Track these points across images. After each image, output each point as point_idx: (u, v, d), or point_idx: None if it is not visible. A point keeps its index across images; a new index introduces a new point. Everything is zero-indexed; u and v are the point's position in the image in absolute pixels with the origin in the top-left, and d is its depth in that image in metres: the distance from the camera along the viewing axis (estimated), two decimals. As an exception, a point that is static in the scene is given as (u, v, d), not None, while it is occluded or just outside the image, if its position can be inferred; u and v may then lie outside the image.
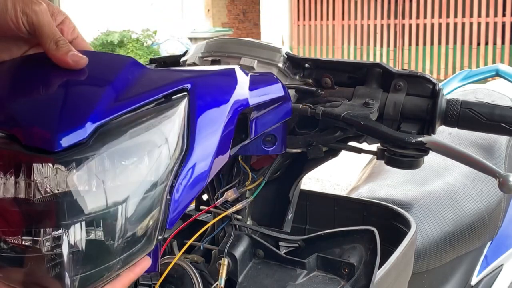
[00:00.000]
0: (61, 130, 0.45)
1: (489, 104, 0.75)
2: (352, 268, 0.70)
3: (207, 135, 0.54)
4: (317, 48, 9.93)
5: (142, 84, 0.52)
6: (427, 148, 0.74)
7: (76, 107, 0.47)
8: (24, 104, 0.48)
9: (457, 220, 1.14)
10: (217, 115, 0.56)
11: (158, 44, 11.19)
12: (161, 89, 0.52)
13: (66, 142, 0.44)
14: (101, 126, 0.47)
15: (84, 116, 0.46)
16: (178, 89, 0.53)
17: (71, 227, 0.44)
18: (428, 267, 1.08)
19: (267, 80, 0.69)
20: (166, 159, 0.50)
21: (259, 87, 0.65)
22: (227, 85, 0.60)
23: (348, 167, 3.07)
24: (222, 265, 0.72)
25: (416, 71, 0.78)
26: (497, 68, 1.94)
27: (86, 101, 0.48)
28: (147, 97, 0.50)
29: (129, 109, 0.49)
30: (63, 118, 0.46)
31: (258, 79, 0.66)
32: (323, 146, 0.81)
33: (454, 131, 1.34)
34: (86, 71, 0.53)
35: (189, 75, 0.56)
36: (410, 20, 9.08)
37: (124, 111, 0.48)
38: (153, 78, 0.54)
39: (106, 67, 0.55)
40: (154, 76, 0.55)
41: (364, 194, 1.15)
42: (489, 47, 8.47)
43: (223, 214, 0.78)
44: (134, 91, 0.51)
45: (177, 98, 0.53)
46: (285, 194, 0.89)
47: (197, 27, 11.76)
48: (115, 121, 0.48)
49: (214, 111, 0.55)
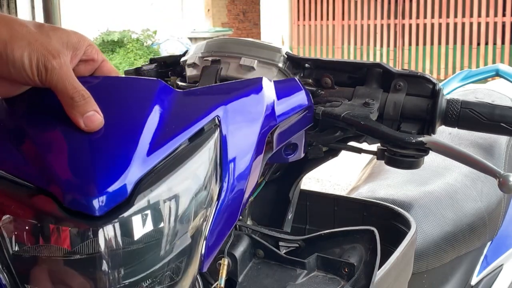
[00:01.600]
0: (101, 192, 0.43)
1: (489, 104, 0.75)
2: (352, 268, 0.70)
3: (239, 167, 0.52)
4: (317, 48, 9.93)
5: (174, 118, 0.50)
6: (427, 148, 0.74)
7: (113, 159, 0.45)
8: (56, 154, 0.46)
9: (457, 220, 1.14)
10: (247, 144, 0.54)
11: (158, 44, 11.20)
12: (193, 122, 0.50)
13: (108, 205, 0.43)
14: (141, 178, 0.45)
15: (124, 172, 0.44)
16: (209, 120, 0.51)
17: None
18: (428, 267, 1.08)
19: (291, 89, 0.66)
20: (202, 205, 0.48)
21: (285, 99, 0.63)
22: (255, 107, 0.57)
23: (348, 167, 3.07)
24: (222, 265, 0.72)
25: (416, 71, 0.78)
26: (497, 68, 1.94)
27: (123, 150, 0.46)
28: (181, 135, 0.48)
29: (166, 155, 0.47)
30: (102, 177, 0.43)
31: (283, 90, 0.64)
32: (323, 146, 0.81)
33: (454, 131, 1.34)
34: (116, 105, 0.51)
35: (219, 100, 0.53)
36: (410, 20, 9.08)
37: (162, 158, 0.46)
38: (184, 108, 0.52)
39: (136, 98, 0.52)
40: (184, 104, 0.52)
41: (364, 194, 1.15)
42: (489, 47, 8.46)
43: (223, 214, 0.78)
44: (168, 129, 0.48)
45: (209, 130, 0.51)
46: (285, 194, 0.89)
47: (197, 27, 11.76)
48: (153, 170, 0.46)
49: (244, 139, 0.54)
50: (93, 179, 0.43)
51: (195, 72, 0.84)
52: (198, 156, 0.49)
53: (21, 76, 0.49)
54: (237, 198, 0.52)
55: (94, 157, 0.45)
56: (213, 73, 0.80)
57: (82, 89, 0.49)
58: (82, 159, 0.45)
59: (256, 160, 0.55)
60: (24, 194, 0.45)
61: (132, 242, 0.44)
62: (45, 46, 0.48)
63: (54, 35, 0.51)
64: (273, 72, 0.80)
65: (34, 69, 0.48)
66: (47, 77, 0.48)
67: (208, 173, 0.49)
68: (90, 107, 0.48)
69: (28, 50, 0.48)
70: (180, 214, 0.47)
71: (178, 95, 0.53)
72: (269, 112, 0.58)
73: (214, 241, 0.50)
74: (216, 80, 0.80)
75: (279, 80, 0.67)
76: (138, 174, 0.44)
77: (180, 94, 0.54)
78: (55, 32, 0.52)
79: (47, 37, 0.50)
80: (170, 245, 0.46)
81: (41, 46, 0.48)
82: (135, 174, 0.44)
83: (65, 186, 0.43)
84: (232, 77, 0.81)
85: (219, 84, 0.62)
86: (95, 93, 0.50)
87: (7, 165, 0.46)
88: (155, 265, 0.46)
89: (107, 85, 0.55)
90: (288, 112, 0.63)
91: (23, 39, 0.48)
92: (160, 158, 0.46)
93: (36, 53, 0.48)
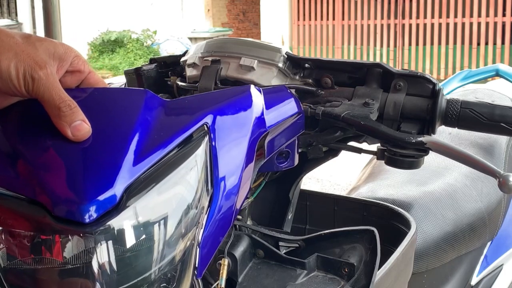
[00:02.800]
0: (90, 199, 0.43)
1: (489, 104, 0.75)
2: (352, 268, 0.70)
3: (230, 173, 0.52)
4: (317, 48, 9.93)
5: (162, 126, 0.50)
6: (427, 148, 0.74)
7: (102, 167, 0.45)
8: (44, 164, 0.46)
9: (457, 220, 1.14)
10: (238, 150, 0.54)
11: (158, 44, 11.20)
12: (182, 129, 0.50)
13: (97, 212, 0.43)
14: (129, 185, 0.45)
15: (112, 179, 0.44)
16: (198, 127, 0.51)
17: None
18: (428, 267, 1.08)
19: (280, 97, 0.67)
20: (194, 211, 0.48)
21: (275, 107, 0.63)
22: (244, 114, 0.57)
23: (348, 167, 3.07)
24: (222, 265, 0.72)
25: (416, 71, 0.78)
26: (497, 68, 1.94)
27: (111, 158, 0.46)
28: (170, 142, 0.48)
29: (155, 161, 0.47)
30: (91, 185, 0.44)
31: (272, 97, 0.64)
32: (323, 146, 0.81)
33: (454, 131, 1.34)
34: (103, 116, 0.51)
35: (207, 108, 0.54)
36: (410, 20, 9.08)
37: (150, 164, 0.46)
38: (172, 116, 0.52)
39: (124, 108, 0.52)
40: (173, 112, 0.53)
41: (364, 194, 1.15)
42: (489, 47, 8.47)
43: (223, 214, 0.78)
44: (156, 137, 0.49)
45: (198, 137, 0.51)
46: (285, 194, 0.89)
47: (197, 27, 11.76)
48: (142, 177, 0.46)
49: (234, 146, 0.54)
50: (81, 187, 0.44)
51: (195, 72, 0.84)
52: (188, 162, 0.49)
53: (8, 87, 0.49)
54: (229, 204, 0.52)
55: (82, 165, 0.45)
56: (213, 73, 0.80)
57: (69, 99, 0.49)
58: (70, 168, 0.45)
59: (248, 167, 0.55)
60: (14, 205, 0.45)
61: (123, 249, 0.44)
62: (31, 57, 0.49)
63: (40, 46, 0.52)
64: (273, 72, 0.80)
65: (21, 79, 0.48)
66: (33, 88, 0.48)
67: (198, 179, 0.49)
68: (76, 116, 0.48)
69: (15, 61, 0.48)
70: (171, 220, 0.47)
71: (165, 104, 0.53)
72: (258, 119, 0.58)
73: (208, 247, 0.50)
74: (216, 80, 0.80)
75: (267, 88, 0.67)
76: (126, 181, 0.45)
77: (167, 104, 0.54)
78: (41, 43, 0.52)
79: (34, 48, 0.51)
80: (162, 252, 0.46)
81: (27, 57, 0.49)
82: (124, 181, 0.44)
83: (54, 195, 0.43)
84: (232, 77, 0.81)
85: (207, 92, 0.62)
86: (82, 104, 0.50)
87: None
88: (147, 272, 0.45)
89: (94, 96, 0.55)
90: (278, 119, 0.63)
91: (10, 50, 0.49)
92: (148, 165, 0.46)
93: (23, 63, 0.48)
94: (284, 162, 0.71)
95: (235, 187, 0.53)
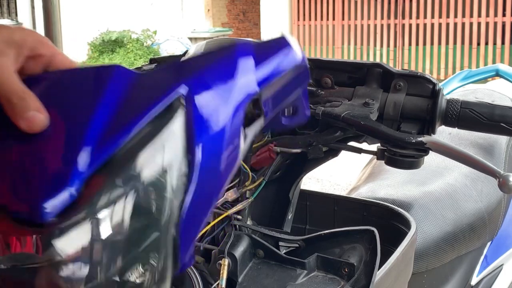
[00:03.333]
0: (46, 196, 0.40)
1: (489, 104, 0.75)
2: (352, 268, 0.70)
3: (211, 146, 0.46)
4: (317, 48, 9.93)
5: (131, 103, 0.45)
6: (427, 148, 0.74)
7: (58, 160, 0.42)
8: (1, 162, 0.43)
9: (457, 220, 1.14)
10: (220, 119, 0.47)
11: (158, 44, 11.19)
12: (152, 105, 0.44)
13: (54, 209, 0.40)
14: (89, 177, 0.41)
15: (69, 173, 0.40)
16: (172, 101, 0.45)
17: None
18: (428, 267, 1.08)
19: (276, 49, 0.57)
20: (169, 196, 0.44)
21: (268, 63, 0.54)
22: (226, 77, 0.50)
23: (348, 167, 3.07)
24: (222, 265, 0.72)
25: (416, 71, 0.78)
26: (497, 68, 1.94)
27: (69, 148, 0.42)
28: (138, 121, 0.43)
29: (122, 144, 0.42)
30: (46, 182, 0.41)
31: (266, 52, 0.56)
32: (323, 146, 0.81)
33: (454, 131, 1.34)
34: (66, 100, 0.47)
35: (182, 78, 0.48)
36: (410, 20, 9.08)
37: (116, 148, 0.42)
38: (143, 90, 0.47)
39: (89, 89, 0.47)
40: (144, 87, 0.47)
41: (364, 194, 1.15)
42: (489, 47, 8.46)
43: (223, 215, 0.78)
44: (122, 117, 0.44)
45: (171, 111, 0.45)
46: (285, 194, 0.89)
47: (197, 27, 11.76)
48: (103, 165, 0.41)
49: (216, 115, 0.47)
50: (36, 184, 0.41)
51: (195, 72, 0.84)
52: (160, 140, 0.44)
53: None
54: (212, 180, 0.46)
55: (38, 161, 0.42)
56: (213, 73, 0.80)
57: (21, 90, 0.45)
58: (26, 165, 0.42)
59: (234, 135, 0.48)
60: None
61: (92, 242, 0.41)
62: None
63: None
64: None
65: None
66: None
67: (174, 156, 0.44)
68: (29, 107, 0.45)
69: None
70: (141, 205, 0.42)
71: (137, 77, 0.48)
72: (245, 79, 0.51)
73: (189, 231, 0.46)
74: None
75: (262, 41, 0.59)
76: (87, 171, 0.41)
77: (139, 77, 0.48)
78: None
79: None
80: (136, 241, 0.42)
81: None
82: (83, 172, 0.41)
83: (10, 196, 0.41)
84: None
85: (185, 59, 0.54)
86: (43, 90, 0.47)
87: None
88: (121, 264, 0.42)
89: (58, 80, 0.50)
90: (273, 75, 0.55)
91: None
92: (114, 150, 0.42)
93: None
94: (291, 118, 0.64)
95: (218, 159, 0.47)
